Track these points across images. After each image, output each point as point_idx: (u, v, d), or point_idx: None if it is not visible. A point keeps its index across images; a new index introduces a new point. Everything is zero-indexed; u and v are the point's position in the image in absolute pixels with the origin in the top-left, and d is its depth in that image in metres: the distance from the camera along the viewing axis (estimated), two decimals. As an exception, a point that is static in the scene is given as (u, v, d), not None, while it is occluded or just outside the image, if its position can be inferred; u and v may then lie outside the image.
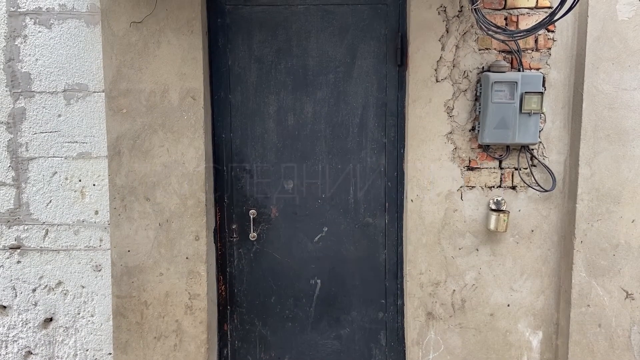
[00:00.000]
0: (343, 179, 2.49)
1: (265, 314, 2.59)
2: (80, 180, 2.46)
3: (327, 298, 2.57)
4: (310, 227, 2.53)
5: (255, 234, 2.51)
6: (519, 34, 2.08)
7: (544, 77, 2.31)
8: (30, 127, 2.43)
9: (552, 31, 2.32)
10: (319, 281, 2.57)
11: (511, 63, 2.33)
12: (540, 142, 2.37)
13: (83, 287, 2.51)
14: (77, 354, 2.55)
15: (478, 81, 2.33)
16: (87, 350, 2.54)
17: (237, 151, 2.49)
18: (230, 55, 2.43)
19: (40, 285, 2.51)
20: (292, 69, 2.44)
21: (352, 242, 2.53)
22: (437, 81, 2.34)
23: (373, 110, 2.44)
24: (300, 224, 2.53)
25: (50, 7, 2.37)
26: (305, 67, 2.44)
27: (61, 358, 2.55)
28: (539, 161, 2.37)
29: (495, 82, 2.23)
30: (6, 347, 2.55)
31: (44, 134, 2.43)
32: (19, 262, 2.50)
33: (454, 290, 2.43)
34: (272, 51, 2.43)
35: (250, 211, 2.50)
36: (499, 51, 2.33)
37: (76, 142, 2.44)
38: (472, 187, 2.39)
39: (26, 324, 2.54)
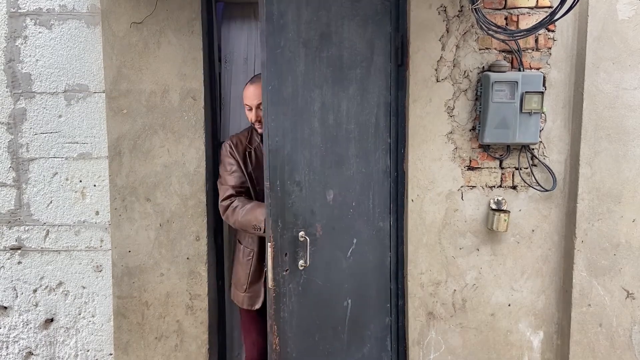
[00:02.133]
0: (366, 184, 2.31)
1: (311, 358, 2.22)
2: (80, 181, 2.46)
3: (355, 318, 2.33)
4: (344, 240, 2.25)
5: (303, 261, 2.04)
6: (519, 34, 2.08)
7: (544, 77, 2.31)
8: (30, 128, 2.43)
9: (553, 31, 2.32)
10: (349, 301, 2.28)
11: (511, 63, 2.33)
12: (541, 141, 2.37)
13: (84, 287, 2.51)
14: (77, 355, 2.55)
15: (478, 81, 2.33)
16: (88, 350, 2.54)
17: (288, 159, 2.01)
18: (282, 34, 1.97)
19: (41, 285, 2.51)
20: (331, 58, 2.12)
21: (371, 249, 2.36)
22: (437, 81, 2.34)
23: (383, 109, 2.36)
24: (337, 239, 2.21)
25: (51, 7, 2.37)
26: (341, 57, 2.15)
27: (62, 358, 2.55)
28: (540, 161, 2.37)
29: (495, 81, 2.23)
30: (7, 347, 2.55)
31: (44, 135, 2.43)
32: (19, 262, 2.50)
33: (455, 290, 2.43)
34: (316, 35, 2.06)
35: (300, 233, 2.04)
36: (499, 51, 2.33)
37: (77, 142, 2.44)
38: (473, 186, 2.39)
39: (27, 324, 2.54)
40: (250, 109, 2.30)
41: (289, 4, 1.98)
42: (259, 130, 2.32)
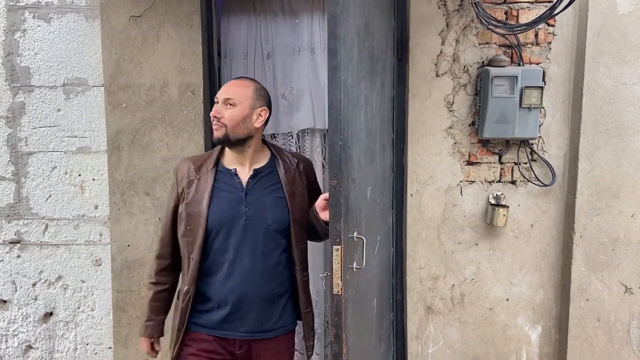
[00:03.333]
0: (382, 179, 2.23)
1: None
2: (79, 175, 2.46)
3: (377, 317, 2.24)
4: (374, 238, 2.10)
5: (357, 263, 1.88)
6: (519, 28, 2.08)
7: (544, 72, 2.31)
8: (29, 122, 2.43)
9: (553, 25, 2.32)
10: (375, 300, 2.18)
11: (511, 57, 2.33)
12: (540, 136, 2.36)
13: (83, 281, 2.51)
14: (77, 348, 2.55)
15: (478, 76, 2.32)
16: (87, 344, 2.55)
17: (348, 156, 1.84)
18: (347, 19, 1.75)
19: (40, 279, 2.52)
20: (369, 49, 1.97)
21: (385, 246, 2.30)
22: (437, 76, 2.33)
23: (390, 103, 2.36)
24: (370, 237, 2.03)
25: (49, 1, 2.36)
26: (373, 49, 2.02)
27: (61, 352, 2.55)
28: (539, 156, 2.37)
29: (495, 76, 2.23)
30: (6, 341, 2.55)
31: (43, 129, 2.43)
32: (19, 256, 2.50)
33: (453, 285, 2.44)
34: (363, 24, 1.91)
35: (355, 233, 1.86)
36: (499, 45, 2.32)
37: (76, 136, 2.44)
38: (472, 181, 2.39)
39: (26, 318, 2.54)
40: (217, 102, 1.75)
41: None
42: (216, 134, 1.74)
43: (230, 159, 1.79)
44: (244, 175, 1.77)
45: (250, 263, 1.72)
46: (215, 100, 1.76)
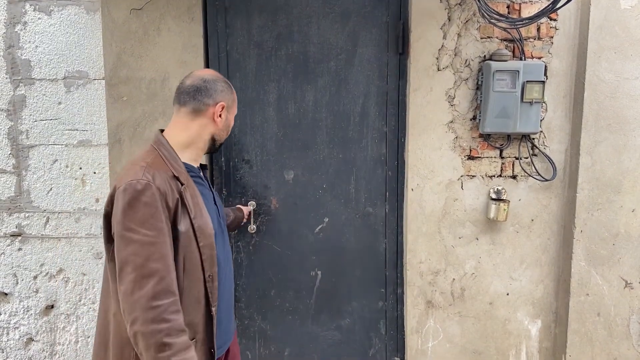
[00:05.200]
0: (344, 169, 2.47)
1: (264, 308, 2.56)
2: (80, 168, 2.46)
3: (327, 289, 2.55)
4: (311, 218, 2.50)
5: (254, 226, 2.45)
6: (521, 22, 2.07)
7: (545, 66, 2.30)
8: (30, 115, 2.43)
9: (555, 19, 2.31)
10: (319, 272, 2.54)
11: (513, 52, 2.32)
12: (542, 131, 2.36)
13: (84, 274, 2.52)
14: (78, 341, 2.56)
15: (480, 70, 2.32)
16: (88, 337, 2.55)
17: (235, 141, 2.43)
18: (228, 39, 2.38)
19: (41, 272, 2.52)
20: (292, 55, 2.40)
21: (352, 232, 2.51)
22: (438, 70, 2.33)
23: (374, 98, 2.43)
24: (301, 215, 2.49)
25: (50, -7, 2.35)
26: (306, 53, 2.40)
27: (62, 345, 2.56)
28: (540, 150, 2.37)
29: (496, 70, 2.22)
30: (7, 334, 2.56)
31: (44, 122, 2.43)
32: (20, 249, 2.51)
33: (454, 279, 2.44)
34: (272, 37, 2.39)
35: (249, 203, 2.45)
36: (501, 40, 2.32)
37: (76, 129, 2.44)
38: (473, 176, 2.39)
39: (27, 311, 2.55)
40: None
41: (238, 14, 2.37)
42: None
43: (189, 156, 1.56)
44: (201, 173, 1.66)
45: (228, 257, 1.65)
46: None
